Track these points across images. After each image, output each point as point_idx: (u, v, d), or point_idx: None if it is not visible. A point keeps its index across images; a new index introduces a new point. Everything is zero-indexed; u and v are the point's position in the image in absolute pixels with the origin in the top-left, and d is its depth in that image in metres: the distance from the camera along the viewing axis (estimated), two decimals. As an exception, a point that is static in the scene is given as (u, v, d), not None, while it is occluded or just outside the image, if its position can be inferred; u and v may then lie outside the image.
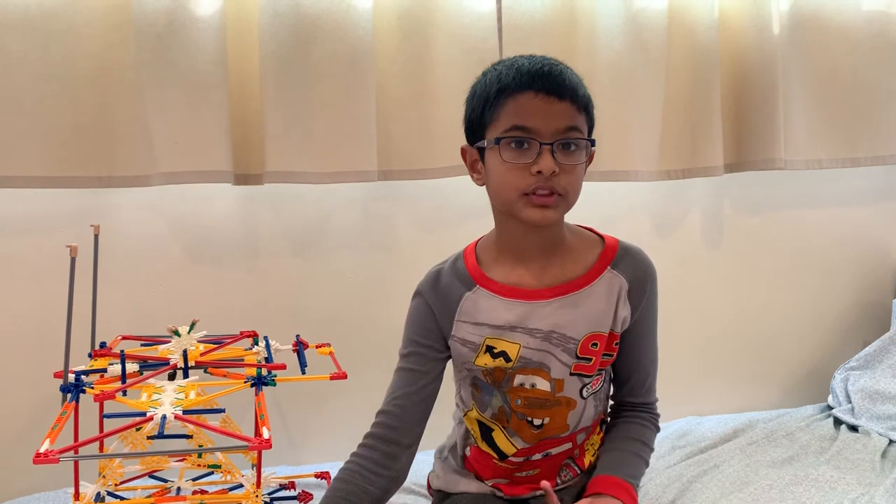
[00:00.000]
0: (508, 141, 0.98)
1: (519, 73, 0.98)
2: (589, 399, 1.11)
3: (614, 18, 1.60)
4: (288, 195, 1.53)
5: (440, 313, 1.09)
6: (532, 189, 0.97)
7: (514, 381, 1.08)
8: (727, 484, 1.36)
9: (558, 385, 1.08)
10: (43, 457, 0.80)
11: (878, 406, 1.63)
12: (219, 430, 0.92)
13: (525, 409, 1.09)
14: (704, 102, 1.68)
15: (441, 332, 1.10)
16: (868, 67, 1.80)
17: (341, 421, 1.61)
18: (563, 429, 1.11)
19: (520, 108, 0.97)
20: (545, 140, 0.97)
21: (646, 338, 1.14)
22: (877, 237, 1.96)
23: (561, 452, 1.14)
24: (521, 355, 1.06)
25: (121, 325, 1.33)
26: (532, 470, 1.14)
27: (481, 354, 1.08)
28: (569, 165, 0.98)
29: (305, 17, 1.43)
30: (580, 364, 1.08)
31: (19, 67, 1.31)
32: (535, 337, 1.06)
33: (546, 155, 0.96)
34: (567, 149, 0.98)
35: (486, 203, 1.18)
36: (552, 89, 0.97)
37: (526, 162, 0.97)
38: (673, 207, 1.80)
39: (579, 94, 0.99)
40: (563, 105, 0.97)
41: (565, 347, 1.06)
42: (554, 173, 0.96)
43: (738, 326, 1.87)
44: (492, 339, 1.07)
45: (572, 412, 1.10)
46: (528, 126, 0.97)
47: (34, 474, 1.40)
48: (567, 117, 0.97)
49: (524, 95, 0.97)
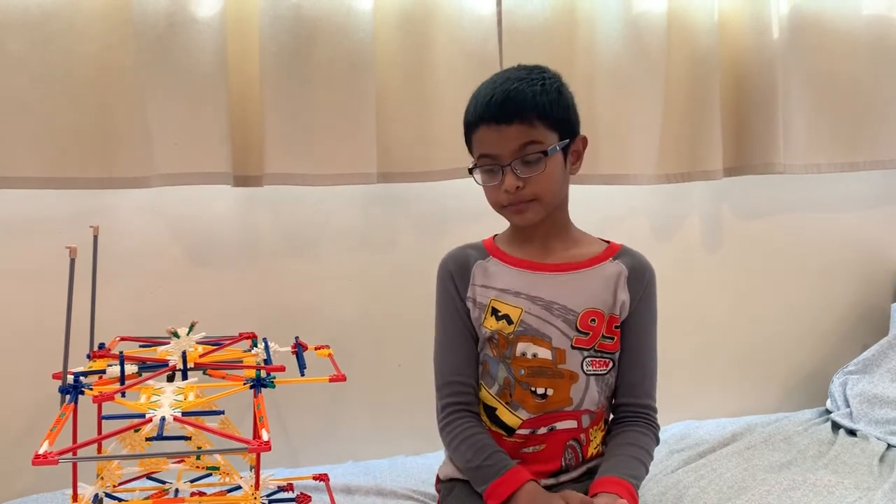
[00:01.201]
0: (479, 168, 1.15)
1: (476, 107, 1.13)
2: (592, 378, 1.18)
3: (614, 22, 1.60)
4: (287, 197, 1.53)
5: (458, 278, 1.22)
6: (507, 203, 1.13)
7: (517, 350, 1.16)
8: (725, 489, 1.36)
9: (560, 355, 1.16)
10: (42, 458, 0.80)
11: (876, 410, 1.63)
12: (218, 432, 0.92)
13: (528, 377, 1.16)
14: (704, 106, 1.68)
15: (460, 295, 1.21)
16: (867, 71, 1.80)
17: (340, 423, 1.61)
18: (567, 402, 1.17)
19: (479, 141, 1.13)
20: (504, 162, 1.11)
21: (644, 336, 1.22)
22: (875, 241, 1.97)
23: (566, 430, 1.18)
24: (522, 319, 1.16)
25: (120, 326, 1.32)
26: (538, 445, 1.18)
27: (488, 316, 1.18)
28: (533, 176, 1.11)
29: (305, 19, 1.43)
30: (580, 338, 1.16)
31: (19, 68, 1.31)
32: (536, 304, 1.16)
33: (508, 175, 1.11)
34: (529, 164, 1.11)
35: (484, 205, 1.19)
36: (500, 118, 1.10)
37: (495, 183, 1.13)
38: (672, 211, 1.80)
39: (526, 114, 1.10)
40: (513, 128, 1.10)
41: (565, 318, 1.16)
42: (518, 188, 1.11)
43: (736, 330, 1.87)
44: (496, 301, 1.18)
45: (575, 385, 1.17)
46: (489, 153, 1.12)
47: (33, 476, 1.40)
48: (518, 137, 1.10)
49: (480, 129, 1.12)
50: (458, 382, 1.20)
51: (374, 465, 1.52)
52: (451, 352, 1.22)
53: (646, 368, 1.22)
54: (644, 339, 1.21)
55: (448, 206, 1.63)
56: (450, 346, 1.22)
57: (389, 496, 1.36)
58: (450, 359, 1.22)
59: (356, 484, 1.39)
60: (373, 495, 1.36)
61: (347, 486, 1.38)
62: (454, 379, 1.20)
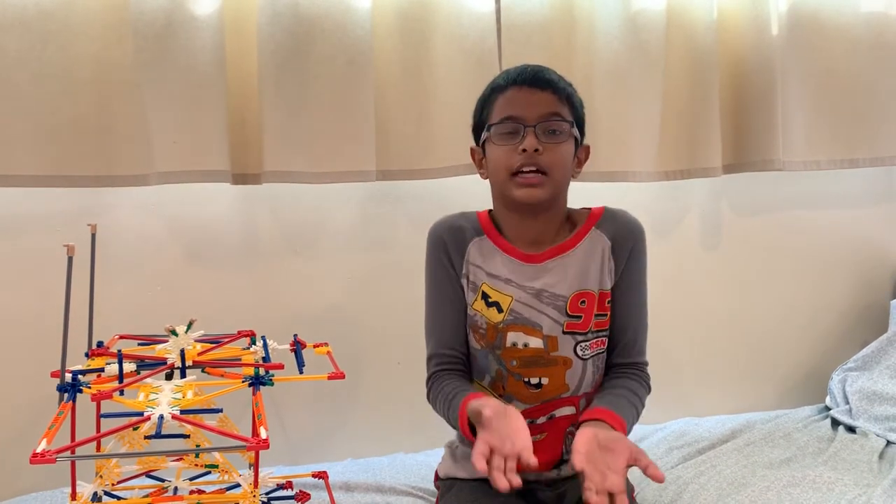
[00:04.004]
0: (499, 128, 1.13)
1: (507, 74, 1.15)
2: (589, 361, 1.17)
3: (613, 19, 1.60)
4: (286, 195, 1.53)
5: (453, 249, 1.20)
6: (519, 167, 1.10)
7: (507, 341, 1.16)
8: (725, 485, 1.36)
9: (552, 343, 1.15)
10: (40, 457, 0.80)
11: (875, 407, 1.63)
12: (216, 430, 0.91)
13: (520, 368, 1.16)
14: (703, 103, 1.68)
15: (454, 267, 1.20)
16: (866, 68, 1.80)
17: (339, 420, 1.61)
18: (563, 388, 1.17)
19: (507, 102, 1.13)
20: (529, 123, 1.10)
21: (632, 294, 1.20)
22: (875, 238, 1.96)
23: (565, 416, 1.18)
24: (512, 308, 1.15)
25: (118, 324, 1.32)
26: (539, 434, 1.17)
27: (478, 299, 1.18)
28: (552, 145, 1.10)
29: (304, 17, 1.42)
30: (572, 322, 1.15)
31: (17, 67, 1.31)
32: (526, 293, 1.16)
33: (530, 135, 1.10)
34: (551, 133, 1.11)
35: (483, 202, 1.20)
36: (533, 82, 1.12)
37: (514, 143, 1.11)
38: (671, 208, 1.80)
39: (560, 87, 1.13)
40: (544, 94, 1.12)
41: (555, 305, 1.15)
42: (537, 151, 1.09)
43: (735, 327, 1.87)
44: (487, 285, 1.17)
45: (570, 371, 1.16)
46: (514, 115, 1.12)
47: (31, 474, 1.40)
48: (548, 105, 1.11)
49: (511, 90, 1.13)
50: (447, 355, 1.20)
51: (374, 462, 1.52)
52: (444, 322, 1.21)
53: (638, 328, 1.20)
54: (634, 299, 1.20)
55: (447, 204, 1.61)
56: (442, 317, 1.21)
57: (389, 493, 1.36)
58: (439, 329, 1.21)
59: (355, 481, 1.39)
60: (372, 492, 1.36)
61: (347, 484, 1.38)
62: (443, 351, 1.20)
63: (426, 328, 1.23)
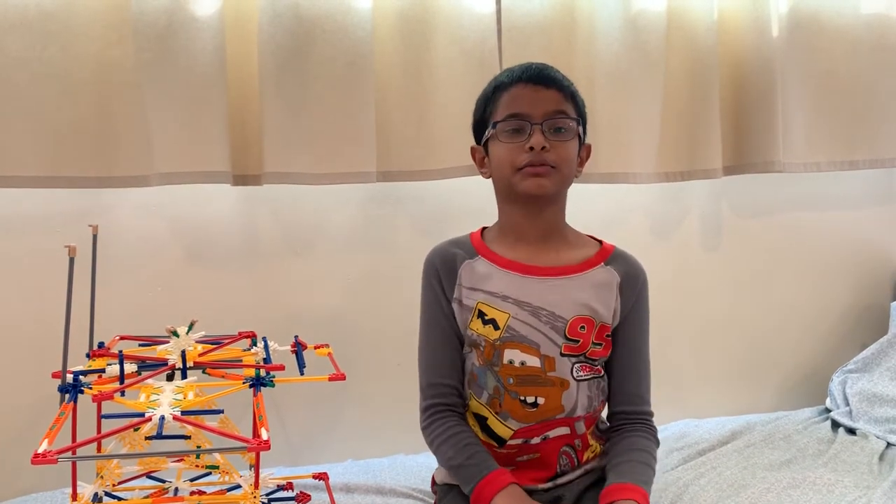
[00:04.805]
0: (505, 125, 1.12)
1: (511, 72, 1.15)
2: (582, 385, 1.15)
3: (613, 20, 1.60)
4: (286, 196, 1.53)
5: (444, 277, 1.18)
6: (525, 163, 1.10)
7: (504, 358, 1.14)
8: (724, 487, 1.36)
9: (549, 363, 1.14)
10: (41, 457, 0.80)
11: (875, 409, 1.63)
12: (217, 431, 0.92)
13: (517, 387, 1.14)
14: (703, 104, 1.68)
15: (446, 295, 1.18)
16: (867, 70, 1.80)
17: (339, 422, 1.61)
18: (559, 409, 1.15)
19: (512, 99, 1.12)
20: (535, 121, 1.10)
21: (637, 343, 1.20)
22: (875, 240, 1.97)
23: (559, 437, 1.16)
24: (508, 325, 1.13)
25: (119, 325, 1.32)
26: (532, 454, 1.17)
27: (474, 319, 1.16)
28: (558, 142, 1.11)
29: (305, 18, 1.43)
30: (570, 345, 1.14)
31: (18, 67, 1.31)
32: (524, 310, 1.13)
33: (537, 133, 1.10)
34: (556, 130, 1.11)
35: (484, 204, 1.19)
36: (539, 80, 1.12)
37: (520, 141, 1.11)
38: (671, 210, 1.80)
39: (564, 85, 1.13)
40: (550, 92, 1.12)
41: (554, 325, 1.13)
42: (544, 148, 1.09)
43: (736, 328, 1.87)
44: (483, 304, 1.15)
45: (566, 392, 1.14)
46: (520, 112, 1.11)
47: (32, 474, 1.40)
48: (553, 102, 1.11)
49: (515, 87, 1.13)
50: (442, 384, 1.18)
51: (374, 463, 1.52)
52: (435, 353, 1.20)
53: (641, 375, 1.20)
54: (637, 345, 1.19)
55: (447, 205, 1.63)
56: (433, 348, 1.20)
57: (389, 494, 1.36)
58: (433, 361, 1.20)
59: (356, 482, 1.39)
60: (372, 494, 1.36)
61: (347, 485, 1.38)
62: (437, 381, 1.18)
63: (419, 360, 1.22)
